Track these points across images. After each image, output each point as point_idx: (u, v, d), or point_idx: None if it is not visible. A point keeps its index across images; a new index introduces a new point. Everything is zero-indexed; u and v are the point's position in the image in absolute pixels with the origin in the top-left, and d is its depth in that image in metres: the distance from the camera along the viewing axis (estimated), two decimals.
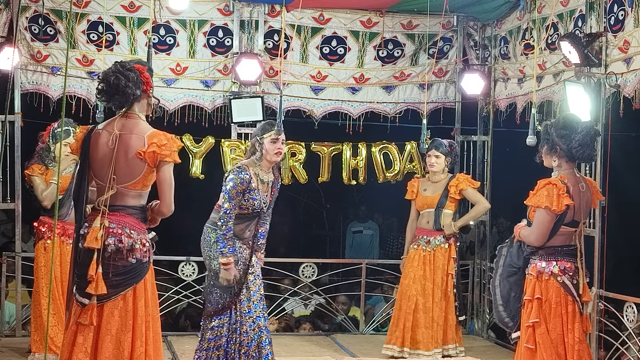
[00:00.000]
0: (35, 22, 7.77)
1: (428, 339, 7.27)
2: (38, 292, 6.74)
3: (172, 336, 8.03)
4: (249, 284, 5.78)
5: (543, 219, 5.15)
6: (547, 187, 5.13)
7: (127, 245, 4.62)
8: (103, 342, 4.55)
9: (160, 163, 4.61)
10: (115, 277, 4.60)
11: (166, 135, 4.66)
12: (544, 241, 5.20)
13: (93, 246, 4.56)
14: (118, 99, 4.66)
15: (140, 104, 4.73)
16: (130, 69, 4.65)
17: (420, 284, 7.34)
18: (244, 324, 5.73)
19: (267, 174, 5.90)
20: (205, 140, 8.16)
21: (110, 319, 4.57)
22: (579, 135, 5.17)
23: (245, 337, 5.71)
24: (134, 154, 4.60)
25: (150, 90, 4.76)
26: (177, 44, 8.10)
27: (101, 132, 4.70)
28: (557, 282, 5.19)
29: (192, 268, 8.27)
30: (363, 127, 8.56)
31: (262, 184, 5.84)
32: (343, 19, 8.39)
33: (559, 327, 5.19)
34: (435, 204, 7.38)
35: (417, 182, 7.61)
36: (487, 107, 8.59)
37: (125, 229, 4.63)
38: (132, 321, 4.61)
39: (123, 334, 4.58)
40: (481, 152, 8.70)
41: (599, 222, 6.58)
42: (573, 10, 7.03)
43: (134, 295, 4.64)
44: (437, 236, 7.37)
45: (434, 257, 7.35)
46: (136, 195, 4.68)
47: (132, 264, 4.64)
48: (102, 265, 4.56)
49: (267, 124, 5.98)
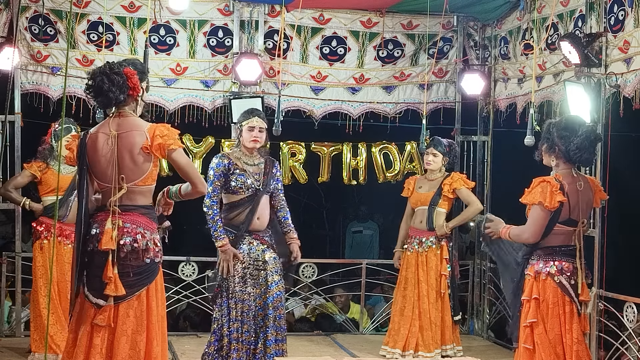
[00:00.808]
0: (35, 22, 7.78)
1: (429, 340, 7.28)
2: (37, 291, 6.75)
3: (172, 336, 8.02)
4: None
5: (537, 215, 5.15)
6: (541, 185, 5.15)
7: (142, 245, 4.62)
8: (119, 343, 4.53)
9: (169, 152, 4.61)
10: (132, 278, 4.59)
11: (164, 125, 4.66)
12: (538, 238, 5.19)
13: (109, 247, 4.54)
14: (101, 101, 4.64)
15: (128, 106, 4.70)
16: (118, 72, 4.59)
17: (418, 287, 7.35)
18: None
19: (253, 158, 6.01)
20: (205, 140, 8.17)
21: (125, 320, 4.56)
22: (578, 138, 5.17)
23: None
24: (139, 150, 4.59)
25: (139, 95, 4.70)
26: (177, 44, 8.10)
27: (96, 135, 4.66)
28: (554, 282, 5.19)
29: (192, 268, 8.28)
30: (363, 127, 8.56)
31: (249, 166, 5.96)
32: (343, 19, 8.39)
33: (557, 327, 5.19)
34: (428, 202, 7.36)
35: (414, 179, 7.61)
36: (487, 107, 8.60)
37: (139, 229, 4.62)
38: (147, 321, 4.61)
39: (139, 334, 4.57)
40: (481, 152, 8.71)
41: (599, 222, 6.58)
42: (573, 10, 7.03)
43: (147, 295, 4.63)
44: (429, 237, 7.35)
45: (427, 259, 7.34)
46: (146, 192, 4.68)
47: (146, 263, 4.63)
48: (118, 266, 4.55)
49: (247, 112, 6.09)
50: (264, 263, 5.92)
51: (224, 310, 5.88)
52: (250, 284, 5.88)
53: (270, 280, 5.90)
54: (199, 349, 7.54)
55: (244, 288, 5.88)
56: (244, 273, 5.89)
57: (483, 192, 8.60)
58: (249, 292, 5.87)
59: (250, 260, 5.90)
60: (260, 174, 5.98)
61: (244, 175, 5.92)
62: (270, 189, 6.04)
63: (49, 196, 6.78)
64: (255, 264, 5.91)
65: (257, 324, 5.88)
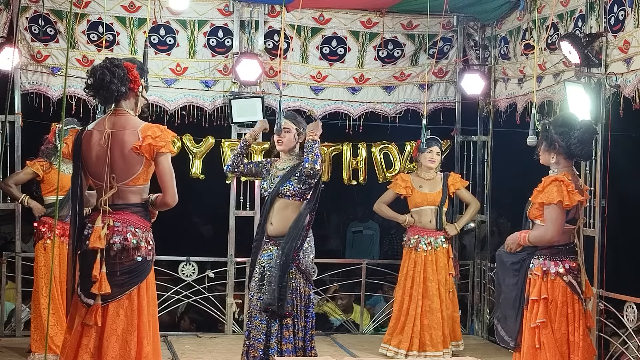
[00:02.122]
0: (36, 22, 7.78)
1: (438, 339, 7.30)
2: (38, 291, 6.75)
3: (172, 336, 8.03)
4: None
5: (556, 214, 5.11)
6: (555, 184, 5.12)
7: (133, 243, 4.60)
8: (109, 342, 4.52)
9: (157, 155, 4.58)
10: (121, 276, 4.58)
11: (159, 127, 4.63)
12: (560, 237, 5.17)
13: (97, 246, 4.53)
14: (103, 94, 4.63)
15: (128, 101, 4.68)
16: (118, 65, 4.61)
17: (424, 286, 7.37)
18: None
19: (282, 162, 5.98)
20: (206, 140, 8.17)
21: (115, 319, 4.55)
22: (578, 132, 5.17)
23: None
24: (130, 150, 4.57)
25: (139, 89, 4.70)
26: (177, 44, 8.10)
27: (92, 132, 4.66)
28: (563, 281, 5.17)
29: (192, 268, 8.27)
30: (363, 127, 8.56)
31: (276, 170, 5.97)
32: (343, 19, 8.39)
33: (564, 327, 5.18)
34: (437, 201, 7.45)
35: (409, 177, 7.63)
36: (487, 107, 8.60)
37: (130, 227, 4.60)
38: (138, 320, 4.60)
39: (129, 333, 4.56)
40: (481, 152, 8.71)
41: (599, 222, 6.58)
42: (573, 10, 7.03)
43: (138, 294, 4.61)
44: (438, 237, 7.42)
45: (437, 258, 7.39)
46: (138, 191, 4.65)
47: (137, 262, 4.61)
48: (108, 265, 4.53)
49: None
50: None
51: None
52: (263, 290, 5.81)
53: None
54: (199, 349, 7.58)
55: (258, 294, 5.82)
56: (260, 279, 5.85)
57: (483, 192, 8.61)
58: (261, 298, 5.81)
59: (267, 266, 5.83)
60: (280, 177, 5.91)
61: (264, 178, 5.98)
62: (287, 193, 5.84)
63: (51, 195, 6.76)
64: (271, 271, 5.78)
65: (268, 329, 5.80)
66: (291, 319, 5.74)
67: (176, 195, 4.67)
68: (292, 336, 5.75)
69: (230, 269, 8.22)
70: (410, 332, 7.33)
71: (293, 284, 5.75)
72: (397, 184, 7.59)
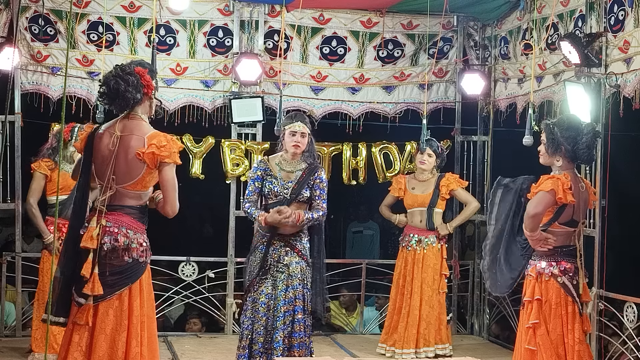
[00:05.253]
0: (35, 22, 7.77)
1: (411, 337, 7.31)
2: (43, 291, 6.73)
3: (172, 336, 8.03)
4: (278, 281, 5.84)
5: (543, 197, 5.11)
6: (552, 180, 5.14)
7: (123, 244, 4.61)
8: (97, 341, 4.55)
9: (160, 164, 4.61)
10: (111, 277, 4.59)
11: (166, 137, 4.66)
12: (533, 224, 5.14)
13: (88, 246, 4.55)
14: (119, 103, 4.67)
15: (142, 106, 4.73)
16: (130, 72, 4.63)
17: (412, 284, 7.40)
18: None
19: (293, 164, 5.94)
20: (206, 140, 8.17)
21: (104, 319, 4.57)
22: (586, 137, 5.20)
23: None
24: (133, 155, 4.60)
25: (152, 93, 4.74)
26: (177, 44, 8.10)
27: (103, 133, 4.71)
28: (557, 283, 5.19)
29: (192, 268, 8.27)
30: (363, 127, 8.56)
31: (285, 172, 5.91)
32: (343, 19, 8.39)
33: (559, 328, 5.19)
34: (427, 203, 7.47)
35: (404, 179, 7.65)
36: (487, 107, 8.60)
37: (121, 228, 4.62)
38: (127, 321, 4.61)
39: (118, 333, 4.58)
40: (481, 152, 8.71)
41: (599, 222, 6.58)
42: (573, 10, 7.03)
43: (129, 295, 4.62)
44: (428, 235, 7.43)
45: (424, 256, 7.39)
46: (135, 196, 4.68)
47: (127, 263, 4.63)
48: (99, 265, 4.56)
49: (290, 116, 6.06)
50: (285, 266, 5.84)
51: (247, 306, 5.89)
52: (266, 285, 5.84)
53: (288, 284, 5.82)
54: (199, 349, 7.58)
55: (260, 288, 5.84)
56: (263, 273, 5.86)
57: (483, 192, 8.60)
58: (264, 292, 5.82)
59: (272, 262, 5.85)
60: (294, 181, 5.90)
61: (273, 183, 5.89)
62: (304, 198, 5.88)
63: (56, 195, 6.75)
64: (277, 266, 5.84)
65: (267, 325, 5.82)
66: (304, 314, 5.85)
67: (176, 207, 4.72)
68: (303, 331, 5.81)
69: (230, 269, 8.22)
70: (404, 330, 7.35)
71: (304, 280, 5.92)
72: (393, 186, 7.71)
